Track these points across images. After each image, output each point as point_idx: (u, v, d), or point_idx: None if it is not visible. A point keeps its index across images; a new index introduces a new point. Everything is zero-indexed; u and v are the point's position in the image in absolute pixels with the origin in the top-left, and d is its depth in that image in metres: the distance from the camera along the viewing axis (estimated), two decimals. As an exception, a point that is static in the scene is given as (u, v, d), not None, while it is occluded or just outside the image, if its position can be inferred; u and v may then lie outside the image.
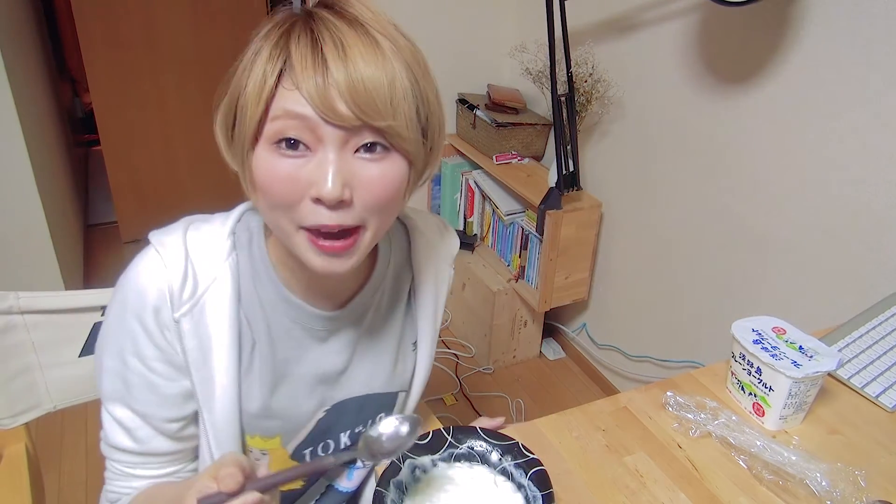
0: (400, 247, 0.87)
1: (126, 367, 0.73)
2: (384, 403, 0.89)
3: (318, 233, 0.64)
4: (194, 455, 0.83)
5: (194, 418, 0.78)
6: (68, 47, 3.77)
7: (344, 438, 0.87)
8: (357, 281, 0.81)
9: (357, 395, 0.85)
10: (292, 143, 0.61)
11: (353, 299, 0.80)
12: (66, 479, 1.87)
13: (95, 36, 2.67)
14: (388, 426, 0.66)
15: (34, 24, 2.83)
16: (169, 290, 0.70)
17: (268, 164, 0.63)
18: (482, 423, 0.89)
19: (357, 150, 0.62)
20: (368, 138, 0.62)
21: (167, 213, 0.88)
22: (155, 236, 0.73)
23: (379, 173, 0.63)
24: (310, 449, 0.85)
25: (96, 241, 3.14)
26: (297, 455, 0.85)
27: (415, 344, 0.90)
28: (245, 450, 0.81)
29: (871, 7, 1.31)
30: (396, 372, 0.88)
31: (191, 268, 0.71)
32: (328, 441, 0.86)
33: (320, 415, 0.83)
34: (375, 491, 0.70)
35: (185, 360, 0.73)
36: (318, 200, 0.62)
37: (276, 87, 0.61)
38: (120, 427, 0.76)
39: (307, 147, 0.61)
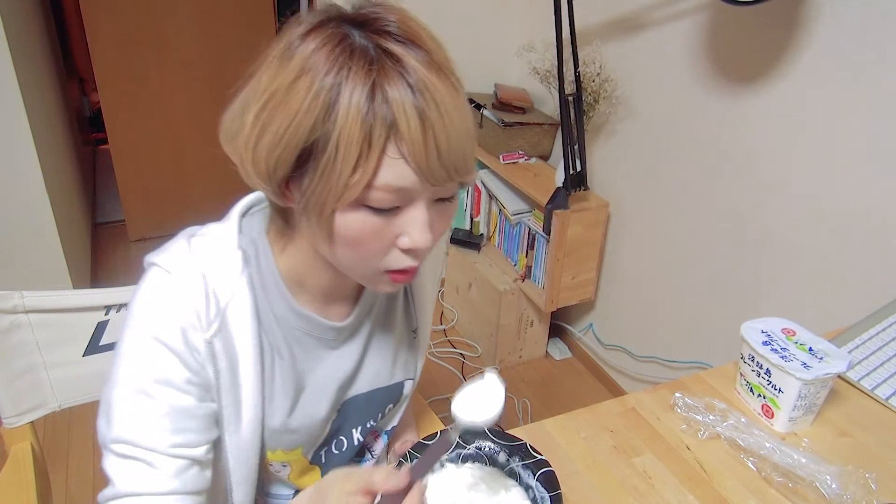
0: None
1: (150, 398, 0.66)
2: (391, 394, 0.89)
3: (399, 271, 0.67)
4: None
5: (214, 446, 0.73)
6: (76, 46, 3.79)
7: (356, 434, 0.87)
8: (359, 285, 0.81)
9: (364, 391, 0.85)
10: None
11: (359, 302, 0.81)
12: (73, 478, 1.87)
13: (103, 35, 2.69)
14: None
15: (42, 24, 2.84)
16: (195, 312, 0.67)
17: (360, 224, 0.61)
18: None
19: (437, 200, 0.65)
20: (453, 190, 0.65)
21: (174, 212, 0.88)
22: (158, 257, 0.69)
23: (448, 214, 0.67)
24: (325, 449, 0.86)
25: (104, 239, 3.15)
26: (315, 459, 0.85)
27: (414, 331, 0.91)
28: (264, 465, 0.80)
29: (883, 6, 1.30)
30: (399, 362, 0.89)
31: (210, 286, 0.68)
32: (341, 438, 0.87)
33: (332, 416, 0.84)
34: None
35: (216, 382, 0.69)
36: (409, 251, 0.64)
37: (381, 154, 0.58)
38: (141, 463, 0.66)
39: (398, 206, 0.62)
